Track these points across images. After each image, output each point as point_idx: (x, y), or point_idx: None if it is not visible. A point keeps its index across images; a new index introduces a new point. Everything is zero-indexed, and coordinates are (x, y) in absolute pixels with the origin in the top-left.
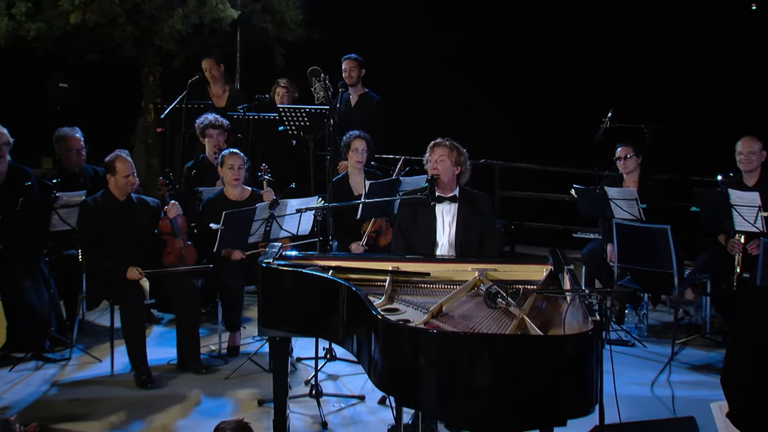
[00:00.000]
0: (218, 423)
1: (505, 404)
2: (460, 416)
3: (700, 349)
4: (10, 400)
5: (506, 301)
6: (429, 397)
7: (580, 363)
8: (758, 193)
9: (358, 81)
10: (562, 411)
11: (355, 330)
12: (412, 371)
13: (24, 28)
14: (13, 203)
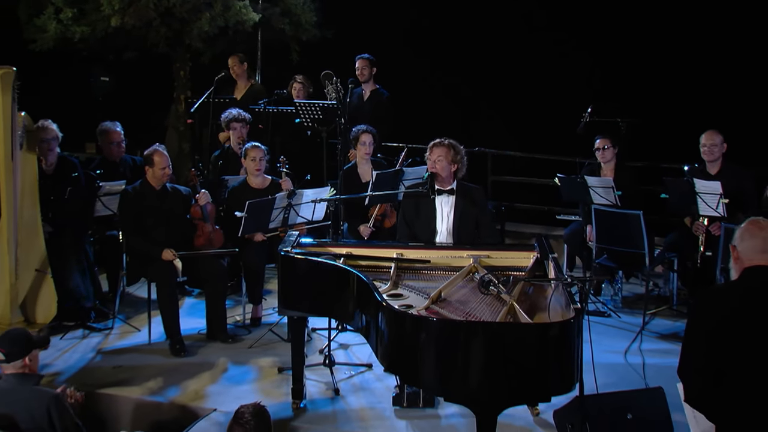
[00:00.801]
0: (238, 407)
1: (495, 383)
2: (456, 393)
3: (667, 319)
4: (61, 367)
5: (498, 288)
6: (429, 377)
7: (562, 347)
8: (720, 183)
9: (369, 78)
10: (546, 389)
11: (364, 314)
12: (414, 354)
13: (70, 31)
14: (62, 191)
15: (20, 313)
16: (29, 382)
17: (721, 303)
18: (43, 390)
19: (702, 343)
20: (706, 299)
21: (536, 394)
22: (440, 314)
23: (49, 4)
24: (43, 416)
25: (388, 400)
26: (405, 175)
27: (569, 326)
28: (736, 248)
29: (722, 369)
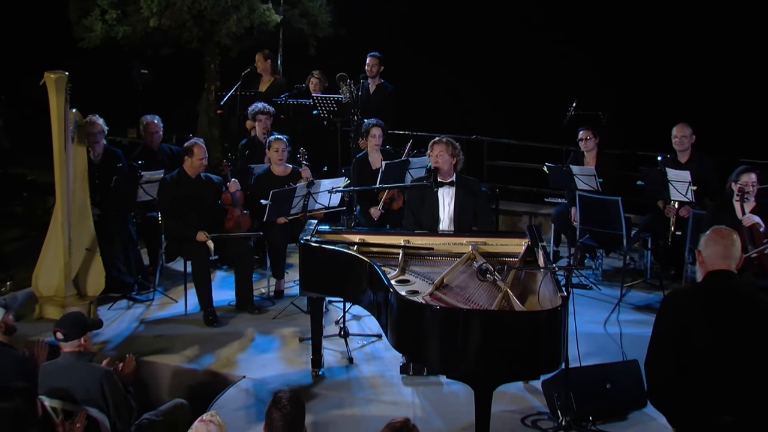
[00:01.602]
0: (276, 391)
1: (491, 364)
2: (456, 372)
3: (642, 291)
4: (109, 336)
5: (494, 276)
6: (432, 357)
7: (550, 332)
8: (689, 172)
9: (377, 74)
10: (535, 368)
11: (376, 298)
12: (419, 336)
13: (114, 31)
14: (108, 179)
15: (73, 288)
16: (84, 359)
17: (687, 304)
18: (96, 366)
19: (669, 341)
20: (673, 300)
21: (527, 373)
22: (443, 300)
23: (96, 7)
24: (97, 389)
25: (396, 369)
26: (411, 164)
27: (556, 314)
28: (701, 253)
29: (685, 364)
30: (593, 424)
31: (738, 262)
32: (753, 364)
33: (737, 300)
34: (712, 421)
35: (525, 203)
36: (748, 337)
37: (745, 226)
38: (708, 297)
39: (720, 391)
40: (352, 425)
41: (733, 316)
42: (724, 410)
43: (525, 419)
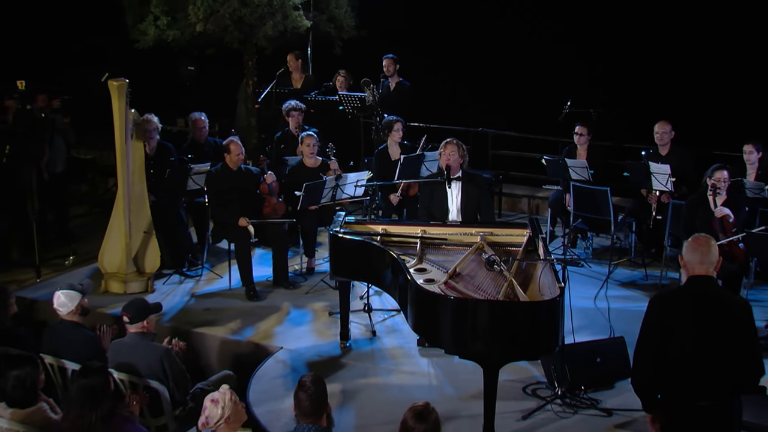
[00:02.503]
0: (301, 377)
1: (497, 346)
2: (467, 353)
3: (627, 269)
4: (165, 308)
5: (500, 267)
6: (446, 339)
7: (549, 319)
8: (669, 166)
9: (394, 72)
10: (535, 351)
11: (397, 285)
12: (435, 321)
13: (165, 34)
14: (162, 170)
15: (133, 265)
16: (147, 339)
17: (671, 305)
18: (157, 345)
19: (655, 337)
20: (659, 301)
21: (528, 355)
22: (456, 288)
23: (149, 14)
24: (158, 365)
25: (413, 341)
26: (426, 158)
27: (555, 303)
28: (683, 258)
29: (668, 357)
30: (585, 392)
31: (716, 265)
32: (725, 354)
33: (713, 301)
34: (690, 405)
35: (524, 187)
36: (721, 331)
37: (717, 218)
38: (688, 299)
39: (697, 378)
40: (377, 392)
41: (710, 315)
42: (701, 395)
43: (526, 388)
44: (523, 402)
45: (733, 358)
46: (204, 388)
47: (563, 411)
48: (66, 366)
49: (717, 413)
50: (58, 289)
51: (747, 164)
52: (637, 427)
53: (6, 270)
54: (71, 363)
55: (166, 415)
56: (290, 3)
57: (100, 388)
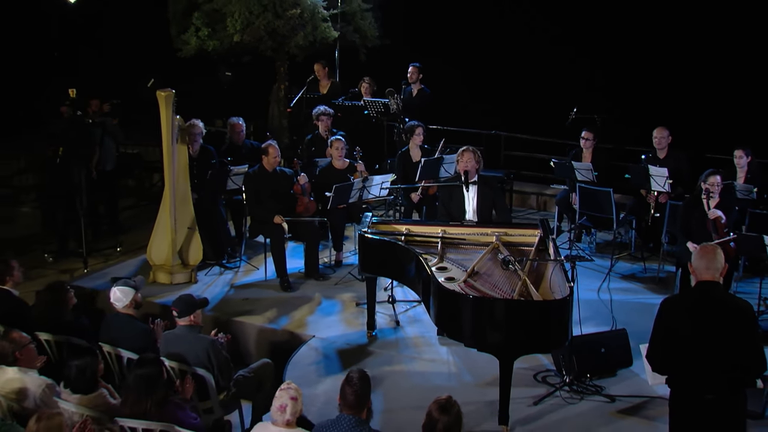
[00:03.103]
0: (349, 371)
1: (512, 341)
2: (485, 346)
3: (627, 262)
4: (208, 297)
5: (515, 266)
6: (466, 334)
7: (560, 316)
8: (666, 169)
9: (417, 80)
10: (547, 344)
11: (421, 281)
12: (456, 318)
13: (205, 44)
14: (204, 171)
15: (178, 258)
16: (194, 331)
17: (681, 305)
18: (204, 337)
19: (665, 334)
20: (671, 302)
21: (540, 349)
22: (474, 287)
23: (191, 26)
24: (204, 355)
25: (433, 331)
26: (444, 161)
27: (565, 302)
28: (692, 264)
29: (677, 351)
30: (590, 379)
31: (722, 270)
32: (729, 352)
33: (718, 304)
34: (697, 398)
35: (533, 184)
36: (725, 331)
37: (710, 219)
38: (697, 301)
39: (703, 373)
40: (401, 379)
41: (714, 317)
42: (707, 389)
43: (536, 375)
44: (534, 389)
45: (736, 356)
46: (245, 375)
47: (571, 397)
48: (122, 354)
49: (722, 406)
50: (114, 284)
51: (737, 168)
52: (638, 412)
53: (62, 259)
54: (126, 352)
55: (211, 399)
56: (319, 15)
57: (154, 377)
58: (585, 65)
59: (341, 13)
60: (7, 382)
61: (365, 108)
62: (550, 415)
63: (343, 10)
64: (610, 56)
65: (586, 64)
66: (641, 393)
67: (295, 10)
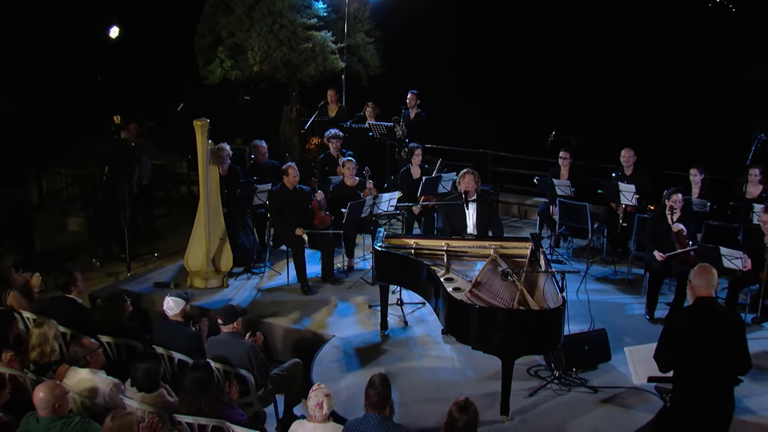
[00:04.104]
0: (371, 376)
1: (513, 344)
2: (489, 348)
3: (600, 266)
4: (238, 301)
5: (513, 278)
6: (472, 338)
7: (555, 323)
8: (634, 185)
9: (415, 105)
10: (543, 346)
11: (432, 292)
12: (464, 324)
13: (229, 74)
14: (232, 188)
15: (212, 265)
16: (237, 337)
17: (683, 317)
18: (245, 341)
19: (669, 341)
20: (675, 315)
21: (537, 351)
22: (479, 297)
23: (216, 58)
24: (245, 357)
25: (438, 330)
26: (442, 179)
27: (559, 311)
28: (691, 281)
29: (677, 354)
30: (576, 372)
31: (716, 287)
32: (723, 356)
33: (715, 316)
34: (695, 395)
35: (515, 195)
36: (720, 339)
37: (674, 232)
38: (696, 314)
39: (701, 374)
40: (413, 374)
41: (712, 327)
42: (703, 387)
43: (529, 370)
44: (528, 382)
45: (728, 359)
46: (279, 374)
47: (560, 389)
48: (173, 356)
49: (716, 405)
50: (168, 294)
51: (692, 184)
52: (618, 401)
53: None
54: (177, 354)
55: (251, 395)
56: (329, 48)
57: (207, 380)
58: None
59: (347, 46)
60: (80, 382)
61: (370, 130)
62: (543, 405)
63: (349, 44)
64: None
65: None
66: (619, 384)
67: (307, 44)
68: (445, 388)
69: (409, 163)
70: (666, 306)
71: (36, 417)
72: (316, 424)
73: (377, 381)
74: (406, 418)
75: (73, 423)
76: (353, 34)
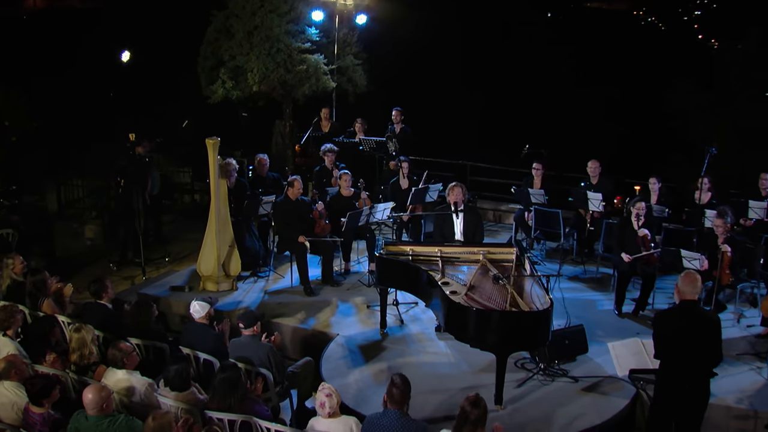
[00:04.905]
0: (392, 376)
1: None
2: (485, 346)
3: (570, 266)
4: (247, 303)
5: (504, 282)
6: (470, 337)
7: (544, 322)
8: (601, 194)
9: (400, 121)
10: (534, 344)
11: (431, 295)
12: (462, 324)
13: (230, 93)
14: (240, 200)
15: (222, 270)
16: (256, 339)
17: (670, 318)
18: (264, 343)
19: (660, 338)
20: (662, 316)
21: (529, 347)
22: (475, 300)
23: (218, 79)
24: (265, 358)
25: (432, 327)
26: (430, 189)
27: (547, 312)
28: (678, 286)
29: (664, 349)
30: (558, 364)
31: (699, 291)
32: (703, 352)
33: (698, 318)
34: (678, 387)
35: (491, 202)
36: (701, 337)
37: (639, 236)
38: (681, 315)
39: (685, 368)
40: (413, 369)
41: (695, 327)
42: (686, 380)
43: (516, 363)
44: (516, 374)
45: (707, 355)
46: (294, 371)
47: (545, 380)
48: (199, 356)
49: (695, 393)
50: (195, 299)
51: (651, 192)
52: (596, 389)
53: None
54: (203, 354)
55: (270, 392)
56: (321, 70)
57: (236, 379)
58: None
59: (337, 68)
60: (118, 382)
61: (360, 144)
62: (531, 395)
63: (339, 65)
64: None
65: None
66: (597, 374)
67: (302, 66)
68: (444, 380)
69: (397, 175)
70: (632, 302)
71: (85, 415)
72: (327, 420)
73: (398, 380)
74: (410, 410)
75: (118, 421)
76: (342, 57)
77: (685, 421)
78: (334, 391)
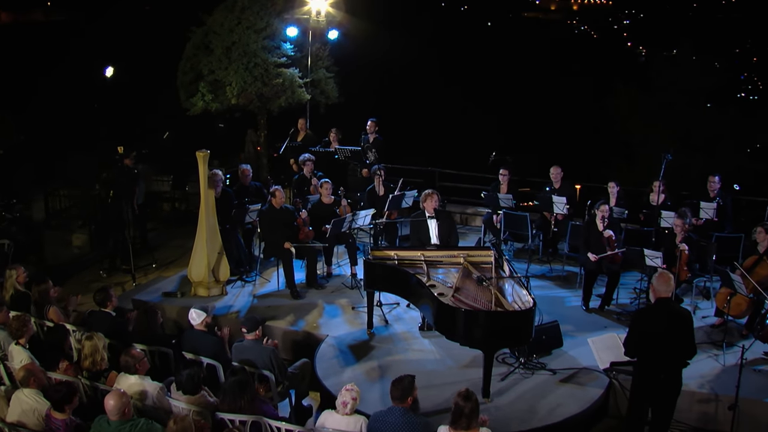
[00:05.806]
0: (398, 377)
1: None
2: (473, 343)
3: (536, 264)
4: (237, 307)
5: (487, 282)
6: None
7: (528, 321)
8: (565, 198)
9: (374, 131)
10: (519, 341)
11: (419, 297)
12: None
13: (209, 106)
14: (227, 209)
15: (212, 276)
16: (259, 342)
17: (646, 316)
18: (266, 347)
19: (635, 335)
20: (640, 313)
21: (514, 344)
22: (462, 301)
23: (198, 92)
24: (267, 360)
25: (416, 326)
26: (406, 196)
27: (531, 311)
28: (653, 285)
29: (642, 344)
30: (536, 358)
31: (673, 290)
32: (677, 345)
33: (671, 314)
34: (654, 377)
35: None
36: (675, 331)
37: (605, 237)
38: (656, 313)
39: (660, 360)
40: (402, 366)
41: (669, 322)
42: (661, 371)
43: (497, 357)
44: (498, 368)
45: (681, 347)
46: (293, 372)
47: (525, 373)
48: (202, 360)
49: (670, 382)
50: (193, 307)
51: (610, 195)
52: (573, 380)
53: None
54: (205, 358)
55: (272, 392)
56: (296, 83)
57: (245, 382)
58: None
59: (312, 81)
60: (131, 386)
61: (336, 153)
62: (514, 387)
63: (312, 78)
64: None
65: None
66: (572, 366)
67: (278, 79)
68: (432, 376)
69: (373, 183)
70: (598, 298)
71: (107, 420)
72: (342, 416)
73: (405, 380)
74: None
75: (139, 425)
76: (315, 70)
77: (660, 408)
78: (358, 393)
